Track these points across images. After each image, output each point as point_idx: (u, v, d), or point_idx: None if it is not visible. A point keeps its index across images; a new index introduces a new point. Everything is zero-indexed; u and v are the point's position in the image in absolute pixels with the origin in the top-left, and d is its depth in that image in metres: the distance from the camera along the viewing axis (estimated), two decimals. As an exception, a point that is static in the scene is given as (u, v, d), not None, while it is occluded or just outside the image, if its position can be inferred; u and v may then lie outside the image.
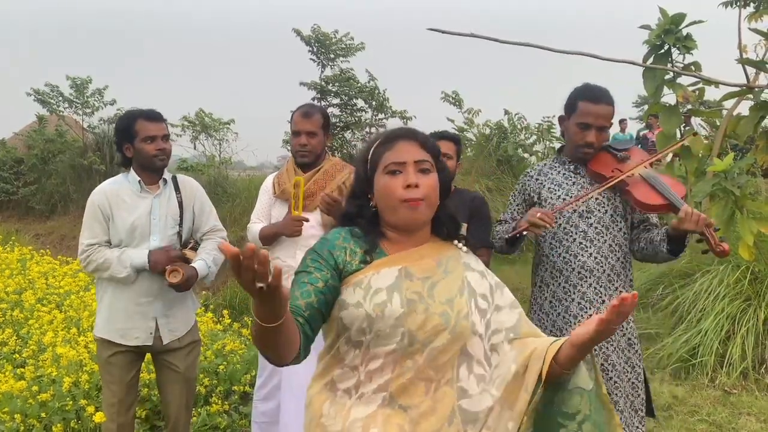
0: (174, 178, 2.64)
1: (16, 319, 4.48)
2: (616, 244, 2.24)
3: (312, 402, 1.40)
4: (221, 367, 3.75)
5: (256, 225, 2.87)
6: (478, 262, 1.48)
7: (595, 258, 2.22)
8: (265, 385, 2.86)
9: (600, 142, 2.23)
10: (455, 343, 1.34)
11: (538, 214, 2.07)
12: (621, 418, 2.18)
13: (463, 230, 1.53)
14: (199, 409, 3.43)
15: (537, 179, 2.36)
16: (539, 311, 2.35)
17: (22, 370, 3.48)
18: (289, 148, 10.50)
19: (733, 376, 3.87)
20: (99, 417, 2.55)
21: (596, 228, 2.23)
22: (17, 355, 3.82)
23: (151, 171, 2.54)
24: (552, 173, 2.34)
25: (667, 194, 2.12)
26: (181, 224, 2.58)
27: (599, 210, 2.24)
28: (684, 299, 4.48)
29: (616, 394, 2.19)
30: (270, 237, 2.81)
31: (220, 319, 4.94)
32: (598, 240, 2.22)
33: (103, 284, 2.55)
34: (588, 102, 2.20)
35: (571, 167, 2.32)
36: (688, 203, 2.20)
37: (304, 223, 2.68)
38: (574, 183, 2.28)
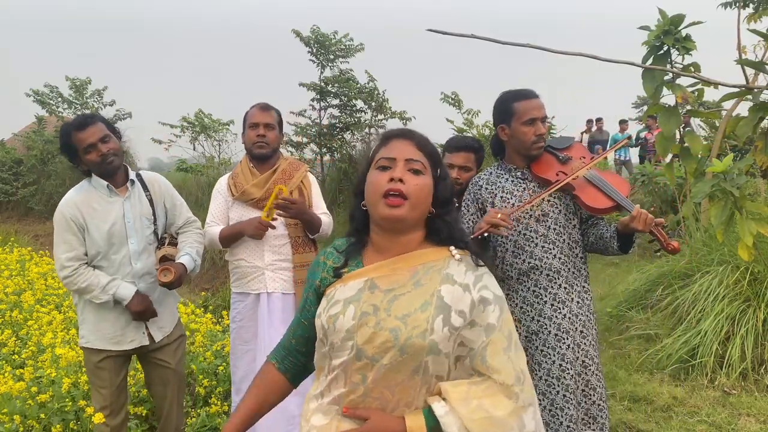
0: (139, 176, 2.60)
1: (15, 320, 4.48)
2: (573, 242, 2.31)
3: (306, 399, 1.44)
4: (221, 368, 3.75)
5: (214, 227, 2.82)
6: (471, 272, 1.34)
7: (560, 258, 2.27)
8: (238, 392, 2.85)
9: (546, 131, 2.31)
10: (408, 363, 1.24)
11: (499, 215, 2.11)
12: (606, 409, 2.25)
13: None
14: (198, 410, 3.43)
15: (487, 188, 2.36)
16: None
17: (22, 371, 3.48)
18: (290, 149, 10.53)
19: (732, 377, 3.86)
20: (98, 418, 2.54)
21: (555, 229, 2.28)
22: (16, 356, 3.82)
23: (110, 175, 2.47)
24: (500, 181, 2.36)
25: (613, 195, 2.20)
26: (155, 222, 2.57)
27: (553, 211, 2.29)
28: (683, 300, 4.47)
29: (600, 386, 2.25)
30: (231, 237, 2.78)
31: (220, 320, 4.93)
32: (559, 241, 2.28)
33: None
34: (524, 100, 2.28)
35: (518, 173, 2.35)
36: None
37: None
38: (524, 189, 2.31)
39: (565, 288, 2.27)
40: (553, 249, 2.27)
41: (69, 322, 4.35)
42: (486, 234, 2.15)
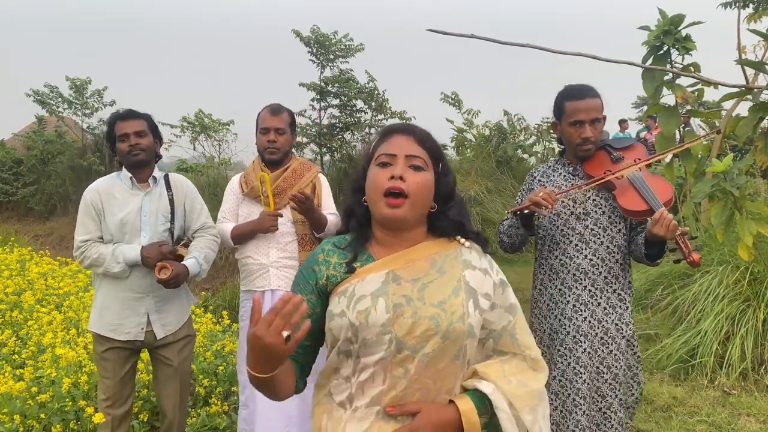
0: (166, 176, 2.69)
1: (15, 320, 4.48)
2: (614, 246, 2.24)
3: (314, 413, 1.37)
4: (221, 368, 3.75)
5: (225, 224, 2.84)
6: (483, 258, 1.38)
7: (591, 260, 2.23)
8: (244, 391, 2.86)
9: (596, 134, 2.25)
10: (450, 349, 1.26)
11: (541, 193, 2.11)
12: (615, 419, 2.21)
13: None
14: (198, 410, 3.43)
15: (540, 180, 2.39)
16: (538, 314, 2.37)
17: (22, 371, 3.48)
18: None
19: (732, 377, 3.87)
20: (98, 418, 2.55)
21: (593, 230, 2.24)
22: (16, 356, 3.81)
23: (134, 168, 2.59)
24: (554, 175, 2.36)
25: (649, 199, 2.13)
26: (172, 221, 2.62)
27: (596, 211, 2.25)
28: (683, 300, 4.48)
29: (611, 396, 2.21)
30: (244, 235, 2.80)
31: (220, 320, 4.94)
32: (594, 242, 2.23)
33: (98, 279, 2.60)
34: (574, 100, 2.23)
35: (570, 169, 2.34)
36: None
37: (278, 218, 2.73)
38: (572, 185, 2.29)
39: (590, 291, 2.23)
40: (585, 249, 2.23)
41: (69, 322, 4.35)
42: (527, 211, 2.17)
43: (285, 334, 1.08)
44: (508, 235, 2.35)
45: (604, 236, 2.23)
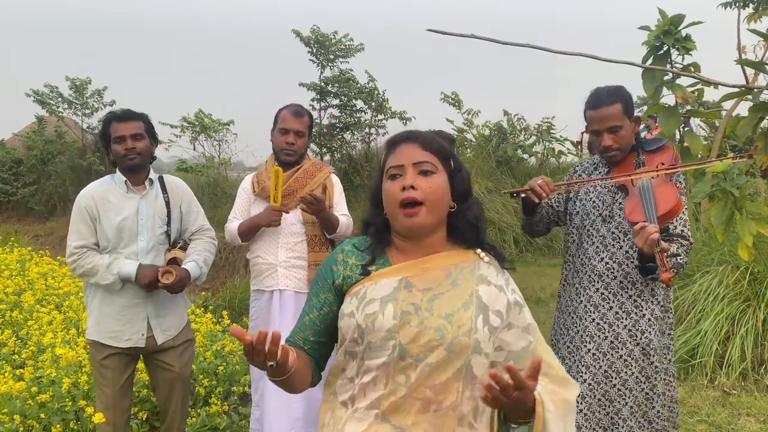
0: (161, 179, 2.65)
1: (15, 320, 4.48)
2: (634, 251, 2.19)
3: (321, 410, 1.40)
4: (221, 367, 3.75)
5: (233, 222, 2.85)
6: (501, 275, 1.37)
7: (607, 263, 2.22)
8: (256, 391, 2.86)
9: (619, 141, 2.20)
10: (453, 362, 1.25)
11: (539, 181, 2.15)
12: (624, 427, 2.20)
13: None
14: (198, 410, 3.43)
15: (579, 177, 2.41)
16: (560, 308, 2.42)
17: (22, 371, 3.47)
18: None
19: (732, 377, 3.87)
20: (98, 418, 2.54)
21: (614, 233, 2.23)
22: (16, 356, 3.81)
23: (129, 171, 2.54)
24: (594, 174, 2.37)
25: (646, 210, 2.07)
26: (168, 224, 2.59)
27: (620, 215, 2.22)
28: (683, 300, 4.48)
29: (620, 402, 2.20)
30: (249, 231, 2.80)
31: (220, 319, 4.94)
32: (614, 245, 2.22)
33: (92, 287, 2.55)
34: (590, 110, 2.23)
35: (605, 171, 2.34)
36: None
37: (286, 218, 2.74)
38: (603, 185, 2.30)
39: (602, 293, 2.22)
40: (603, 252, 2.22)
41: (69, 322, 4.35)
42: (523, 195, 2.22)
43: (269, 364, 1.18)
44: (520, 218, 2.45)
45: (624, 241, 2.21)
